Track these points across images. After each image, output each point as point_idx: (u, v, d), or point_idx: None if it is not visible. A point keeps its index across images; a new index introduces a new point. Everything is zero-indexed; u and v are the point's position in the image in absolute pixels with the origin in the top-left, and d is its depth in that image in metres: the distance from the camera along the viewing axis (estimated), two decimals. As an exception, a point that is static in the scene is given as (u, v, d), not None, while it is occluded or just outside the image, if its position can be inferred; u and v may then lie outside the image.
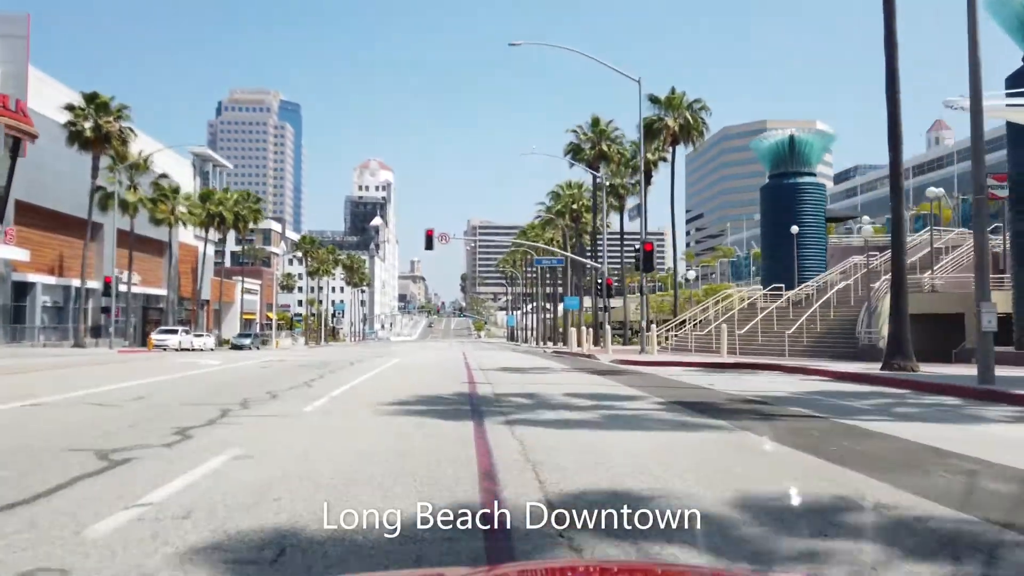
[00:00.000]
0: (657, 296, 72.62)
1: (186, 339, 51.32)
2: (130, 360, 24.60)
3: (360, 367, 19.34)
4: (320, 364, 20.42)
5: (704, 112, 50.07)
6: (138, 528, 3.62)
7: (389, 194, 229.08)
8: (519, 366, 20.34)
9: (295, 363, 20.72)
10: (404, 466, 5.26)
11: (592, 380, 14.97)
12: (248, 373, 15.86)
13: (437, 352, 39.52)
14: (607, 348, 30.60)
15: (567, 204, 57.93)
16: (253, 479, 4.78)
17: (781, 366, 18.58)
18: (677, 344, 32.80)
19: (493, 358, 29.21)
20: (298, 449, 6.17)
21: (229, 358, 26.79)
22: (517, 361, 25.19)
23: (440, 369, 18.33)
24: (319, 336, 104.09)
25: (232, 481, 4.74)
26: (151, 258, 62.70)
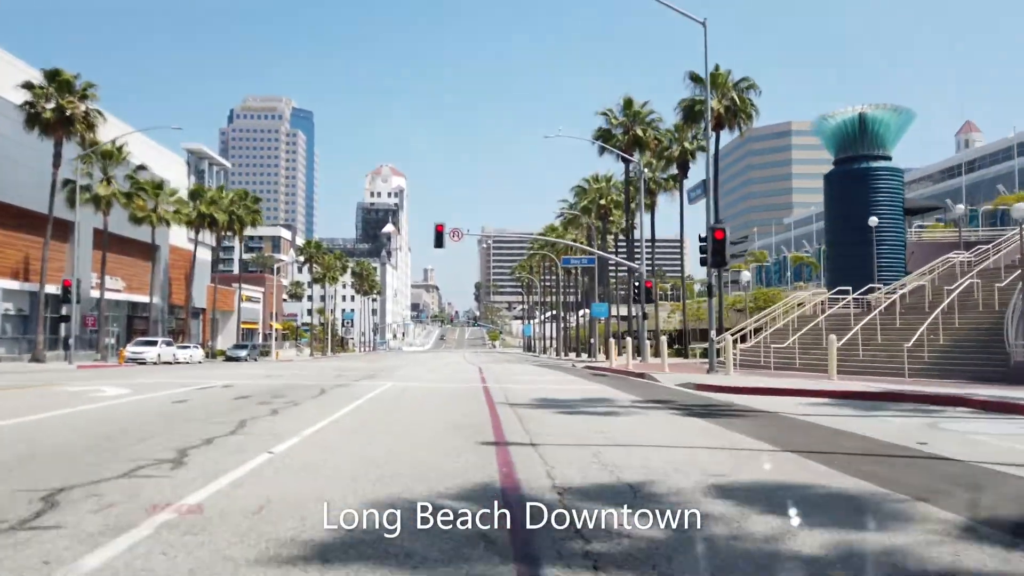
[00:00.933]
0: (677, 305, 66.06)
1: (167, 351, 45.65)
2: (34, 386, 18.41)
3: (331, 398, 13.26)
4: (277, 393, 14.19)
5: (752, 92, 43.81)
6: None
7: (402, 200, 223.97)
8: (562, 396, 14.05)
9: (243, 392, 14.52)
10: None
11: (715, 434, 8.67)
12: (132, 420, 9.74)
13: (448, 368, 33.34)
14: (662, 364, 24.18)
15: (594, 199, 51.71)
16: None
17: (964, 399, 12.26)
18: (745, 359, 26.44)
19: (517, 377, 23.07)
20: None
21: (166, 383, 20.73)
22: (552, 384, 18.95)
23: (446, 404, 12.24)
24: (326, 346, 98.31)
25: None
26: (137, 262, 57.06)
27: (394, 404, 12.07)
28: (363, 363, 43.02)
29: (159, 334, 61.78)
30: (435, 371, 27.37)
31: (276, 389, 15.30)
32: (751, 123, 44.27)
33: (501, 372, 27.98)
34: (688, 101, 44.72)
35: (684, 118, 45.31)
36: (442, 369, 30.22)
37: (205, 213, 55.24)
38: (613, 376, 23.53)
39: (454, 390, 15.69)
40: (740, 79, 43.94)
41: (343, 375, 22.58)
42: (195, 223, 55.60)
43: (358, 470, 5.81)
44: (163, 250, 62.58)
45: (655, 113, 44.51)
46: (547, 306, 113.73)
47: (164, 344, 45.49)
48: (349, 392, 14.82)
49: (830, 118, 38.31)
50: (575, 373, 27.03)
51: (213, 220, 56.22)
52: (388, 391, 15.01)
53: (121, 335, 56.92)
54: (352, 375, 22.62)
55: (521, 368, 33.62)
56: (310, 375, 22.53)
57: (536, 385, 17.64)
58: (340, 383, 17.68)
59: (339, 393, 14.31)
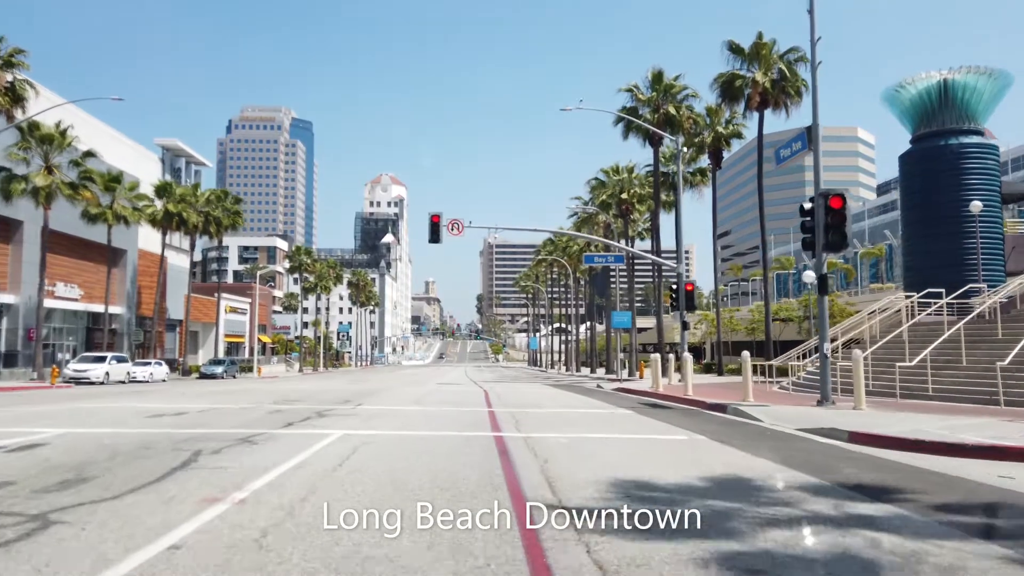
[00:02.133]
0: (706, 314, 59.22)
1: (119, 369, 39.06)
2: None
3: (246, 460, 6.76)
4: (80, 472, 7.53)
5: (802, 66, 37.34)
6: None
7: (402, 210, 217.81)
8: (660, 475, 6.91)
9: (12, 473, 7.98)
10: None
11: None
12: None
13: (444, 391, 26.66)
14: (746, 391, 16.83)
15: (614, 193, 45.16)
16: None
17: None
18: (848, 380, 19.72)
19: (539, 406, 16.54)
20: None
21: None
22: (601, 426, 11.82)
23: (430, 476, 5.74)
24: (319, 361, 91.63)
25: None
26: (100, 268, 50.46)
27: (352, 478, 5.71)
28: (344, 382, 36.39)
29: (125, 349, 55.34)
30: (427, 397, 20.66)
31: (114, 452, 8.53)
32: (801, 101, 37.76)
33: (513, 397, 21.37)
34: (727, 75, 38.30)
35: (721, 96, 38.88)
36: (437, 393, 23.54)
37: (173, 212, 48.74)
38: (673, 407, 16.82)
39: (446, 446, 8.95)
40: (788, 49, 37.57)
41: (295, 405, 16.01)
42: (161, 223, 49.07)
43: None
44: (130, 254, 56.23)
45: (689, 88, 38.01)
46: (552, 319, 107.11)
47: (115, 360, 38.86)
48: (291, 444, 8.44)
49: (907, 86, 31.85)
50: (612, 400, 20.31)
51: (183, 220, 49.70)
52: (324, 456, 8.30)
53: (80, 350, 50.26)
54: (307, 405, 16.06)
55: (536, 391, 26.91)
56: (246, 405, 15.93)
57: (579, 430, 11.05)
58: (260, 431, 10.71)
59: (209, 472, 7.59)
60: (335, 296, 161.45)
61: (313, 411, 13.79)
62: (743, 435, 10.39)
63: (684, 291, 29.92)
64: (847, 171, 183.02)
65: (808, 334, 42.20)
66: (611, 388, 28.07)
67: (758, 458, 8.19)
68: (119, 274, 56.00)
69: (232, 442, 8.91)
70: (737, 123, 43.27)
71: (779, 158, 16.07)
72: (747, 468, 7.50)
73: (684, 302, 29.86)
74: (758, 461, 8.03)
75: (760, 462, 7.94)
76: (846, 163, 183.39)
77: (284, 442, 8.95)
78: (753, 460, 8.09)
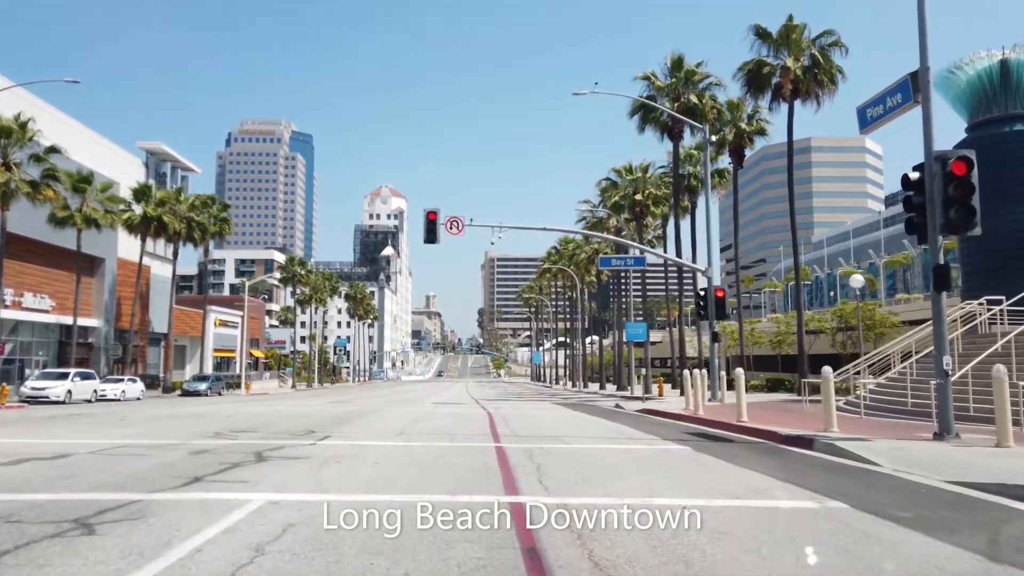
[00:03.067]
0: (724, 326, 55.36)
1: (83, 386, 35.48)
2: None
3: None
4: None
5: (837, 51, 33.96)
6: None
7: (402, 223, 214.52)
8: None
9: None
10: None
11: None
12: None
13: (442, 413, 22.95)
14: (829, 418, 12.67)
15: (627, 195, 41.61)
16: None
17: None
18: (920, 403, 16.03)
19: (560, 437, 12.93)
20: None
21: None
22: (655, 469, 8.38)
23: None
24: (313, 376, 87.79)
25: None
26: (74, 277, 46.73)
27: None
28: (327, 402, 32.72)
29: (101, 364, 51.66)
30: (417, 424, 16.94)
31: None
32: (835, 90, 34.28)
33: (524, 422, 17.73)
34: (753, 63, 34.86)
35: (747, 85, 35.44)
36: (431, 417, 19.82)
37: (152, 216, 45.21)
38: (735, 439, 13.09)
39: (427, 546, 5.00)
40: (820, 33, 34.19)
41: (237, 439, 12.29)
42: (139, 228, 45.53)
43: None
44: (109, 263, 52.65)
45: (712, 76, 34.54)
46: (556, 332, 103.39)
47: (79, 377, 35.21)
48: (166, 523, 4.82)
49: (962, 68, 28.44)
50: (646, 427, 16.57)
51: (163, 226, 46.17)
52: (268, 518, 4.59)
53: (51, 365, 46.50)
54: (252, 439, 12.34)
55: (549, 413, 23.18)
56: (172, 440, 12.06)
57: (635, 487, 7.34)
58: (136, 497, 6.86)
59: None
60: (333, 310, 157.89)
61: (252, 451, 10.09)
62: (900, 500, 6.72)
63: (714, 297, 26.40)
64: (855, 182, 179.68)
65: (843, 347, 38.53)
66: (634, 409, 24.35)
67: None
68: (96, 284, 52.44)
69: (50, 533, 5.16)
70: (761, 118, 39.87)
71: (866, 120, 12.49)
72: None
73: (714, 309, 26.33)
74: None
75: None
76: (854, 174, 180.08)
77: (147, 531, 5.20)
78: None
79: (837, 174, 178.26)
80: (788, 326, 43.49)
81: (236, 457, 9.30)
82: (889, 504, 6.39)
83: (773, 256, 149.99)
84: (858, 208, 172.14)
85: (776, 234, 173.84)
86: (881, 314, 34.73)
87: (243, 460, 8.98)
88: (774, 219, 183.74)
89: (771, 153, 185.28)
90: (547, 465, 8.66)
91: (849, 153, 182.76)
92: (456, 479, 7.63)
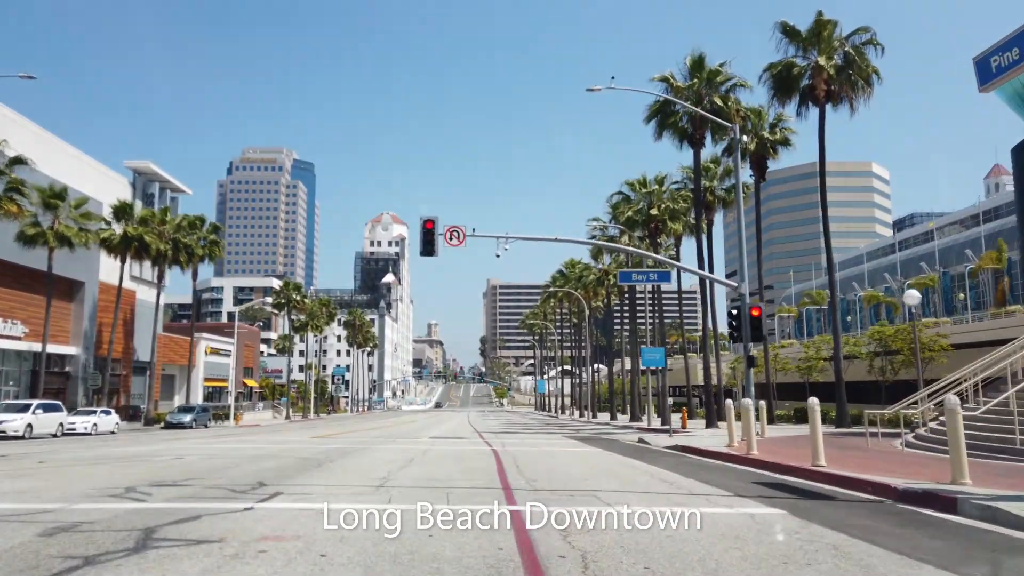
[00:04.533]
0: (737, 356, 51.99)
1: (47, 419, 32.26)
2: None
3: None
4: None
5: (873, 50, 31.17)
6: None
7: (403, 250, 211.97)
8: None
9: None
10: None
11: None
12: None
13: (439, 453, 19.61)
14: (959, 464, 9.14)
15: (641, 209, 38.59)
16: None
17: None
18: (1018, 439, 12.79)
19: (595, 490, 9.66)
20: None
21: None
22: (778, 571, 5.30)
23: None
24: (309, 407, 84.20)
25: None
26: (54, 303, 43.54)
27: None
28: (309, 436, 29.39)
29: (79, 395, 48.36)
30: (405, 471, 13.52)
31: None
32: (871, 93, 31.42)
33: (540, 466, 14.44)
34: (781, 64, 32.13)
35: (774, 89, 32.66)
36: (425, 460, 16.44)
37: (132, 236, 42.21)
38: (833, 495, 9.72)
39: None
40: (854, 30, 31.47)
41: (143, 502, 8.71)
42: (119, 249, 42.51)
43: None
44: (89, 287, 49.59)
45: (736, 77, 31.69)
46: (561, 360, 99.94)
47: (43, 409, 31.93)
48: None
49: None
50: (699, 473, 13.13)
51: (144, 247, 43.14)
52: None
53: (23, 396, 43.16)
54: (157, 503, 8.93)
55: (567, 452, 19.79)
56: (50, 505, 8.41)
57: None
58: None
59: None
60: (332, 338, 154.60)
61: (144, 527, 6.57)
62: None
63: (749, 316, 23.15)
64: (863, 207, 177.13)
65: (882, 373, 35.15)
66: (663, 446, 20.97)
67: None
68: (75, 309, 49.37)
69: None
70: (784, 127, 36.95)
71: (988, 73, 9.41)
72: None
73: (749, 330, 23.06)
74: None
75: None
76: (861, 199, 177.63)
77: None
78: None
79: (845, 199, 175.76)
80: (818, 351, 40.12)
81: (105, 542, 5.97)
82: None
83: (780, 282, 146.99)
84: (867, 233, 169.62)
85: (784, 259, 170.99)
86: (929, 336, 31.45)
87: (108, 551, 5.66)
88: (781, 244, 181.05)
89: (777, 178, 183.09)
90: (600, 560, 5.41)
91: (856, 178, 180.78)
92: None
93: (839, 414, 28.95)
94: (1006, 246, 50.61)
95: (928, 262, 78.92)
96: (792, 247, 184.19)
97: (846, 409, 29.70)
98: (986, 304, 55.79)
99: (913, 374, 30.44)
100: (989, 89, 10.87)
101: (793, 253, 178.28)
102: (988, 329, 35.99)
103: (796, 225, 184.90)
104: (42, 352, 38.08)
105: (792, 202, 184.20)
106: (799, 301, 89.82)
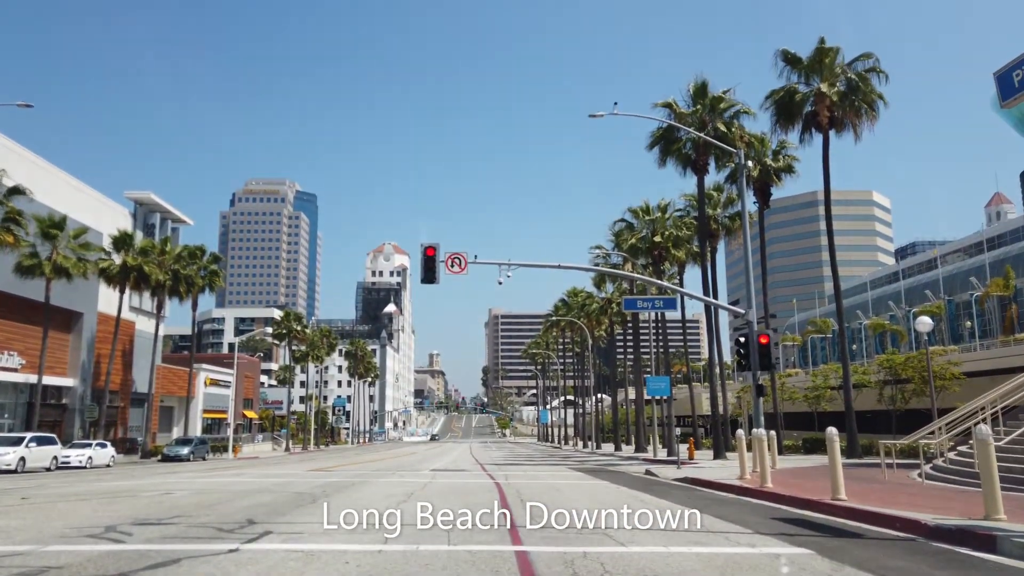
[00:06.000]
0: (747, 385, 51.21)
1: (40, 453, 31.61)
2: None
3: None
4: None
5: (877, 77, 31.06)
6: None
7: (404, 280, 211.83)
8: None
9: None
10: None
11: None
12: None
13: (440, 487, 18.91)
14: (993, 499, 8.58)
15: (645, 236, 38.27)
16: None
17: None
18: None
19: (612, 534, 8.94)
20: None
21: None
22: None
23: None
24: (309, 438, 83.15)
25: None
26: (52, 334, 42.99)
27: None
28: (306, 469, 28.71)
29: (75, 427, 47.68)
30: (401, 510, 12.97)
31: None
32: (876, 118, 31.26)
33: (548, 502, 13.79)
34: (783, 91, 32.08)
35: (776, 115, 32.58)
36: (425, 494, 15.79)
37: (132, 266, 41.91)
38: (860, 534, 9.02)
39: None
40: (857, 57, 31.42)
41: (121, 543, 8.09)
42: (118, 279, 42.17)
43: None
44: (88, 318, 49.17)
45: (739, 104, 31.58)
46: (564, 390, 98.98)
47: (36, 442, 31.29)
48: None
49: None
50: (717, 509, 12.38)
51: (144, 277, 42.81)
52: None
53: (18, 429, 42.47)
54: (138, 544, 8.34)
55: (576, 486, 19.09)
56: (20, 548, 8.01)
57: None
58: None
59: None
60: (333, 369, 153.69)
61: (115, 574, 6.15)
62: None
63: (757, 344, 22.64)
64: (864, 235, 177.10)
65: (892, 402, 34.48)
66: (671, 478, 20.31)
67: None
68: (73, 340, 48.88)
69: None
70: (788, 154, 36.79)
71: (1011, 88, 9.07)
72: None
73: (758, 358, 22.54)
74: None
75: None
76: (862, 227, 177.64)
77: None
78: None
79: (847, 227, 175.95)
80: (826, 379, 39.46)
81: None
82: None
83: (783, 311, 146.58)
84: (869, 261, 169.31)
85: (785, 288, 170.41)
86: (940, 364, 30.88)
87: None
88: (783, 273, 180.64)
89: (777, 207, 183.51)
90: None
91: (858, 207, 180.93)
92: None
93: (850, 444, 28.29)
94: (1014, 273, 50.23)
95: (932, 290, 78.42)
96: (794, 275, 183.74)
97: (857, 439, 29.04)
98: (992, 332, 55.25)
99: (924, 403, 29.82)
100: (1011, 104, 10.54)
101: (795, 282, 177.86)
102: (999, 357, 35.49)
103: (798, 254, 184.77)
104: (38, 384, 37.54)
105: (793, 231, 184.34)
106: (803, 330, 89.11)
